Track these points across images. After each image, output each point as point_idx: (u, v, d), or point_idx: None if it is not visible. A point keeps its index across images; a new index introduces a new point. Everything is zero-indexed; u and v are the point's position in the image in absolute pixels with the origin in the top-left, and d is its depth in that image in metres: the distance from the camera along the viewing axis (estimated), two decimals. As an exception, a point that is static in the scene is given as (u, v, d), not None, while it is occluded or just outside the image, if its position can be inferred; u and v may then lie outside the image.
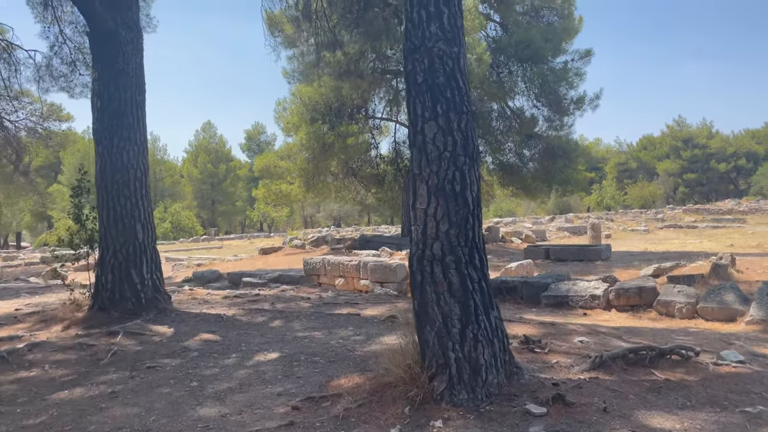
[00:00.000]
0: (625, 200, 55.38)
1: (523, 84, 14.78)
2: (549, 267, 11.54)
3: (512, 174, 17.66)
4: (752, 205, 32.05)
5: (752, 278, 7.66)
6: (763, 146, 60.89)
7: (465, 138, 3.34)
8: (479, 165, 3.45)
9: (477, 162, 3.42)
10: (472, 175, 3.33)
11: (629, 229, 27.11)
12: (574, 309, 7.18)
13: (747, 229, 24.13)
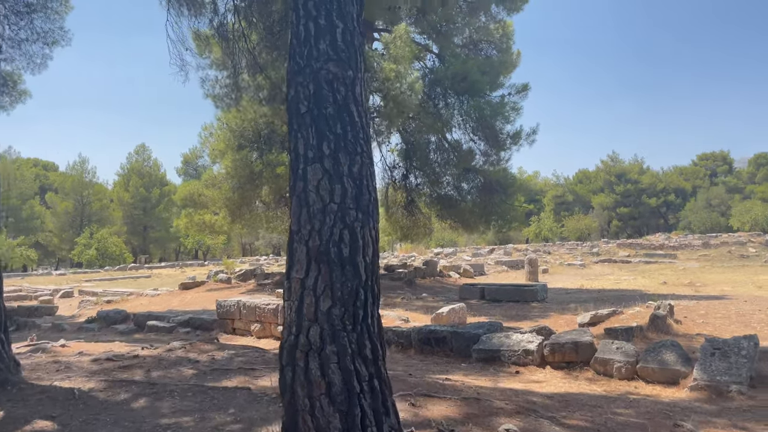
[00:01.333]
0: (562, 232, 56.43)
1: (460, 117, 14.39)
2: (484, 309, 10.95)
3: (450, 207, 17.18)
4: (681, 240, 32.91)
5: (692, 330, 7.23)
6: (690, 183, 63.63)
7: (358, 186, 2.59)
8: (377, 221, 2.69)
9: (374, 218, 2.67)
10: (366, 235, 2.58)
11: (566, 263, 27.17)
12: (507, 365, 6.51)
13: (678, 265, 24.54)
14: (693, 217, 54.75)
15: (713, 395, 5.00)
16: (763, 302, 10.05)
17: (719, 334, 7.09)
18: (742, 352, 5.37)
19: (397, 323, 8.63)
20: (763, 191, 55.16)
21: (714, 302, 10.23)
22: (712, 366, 5.37)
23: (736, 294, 12.72)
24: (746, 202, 51.72)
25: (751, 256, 25.56)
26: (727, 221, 50.47)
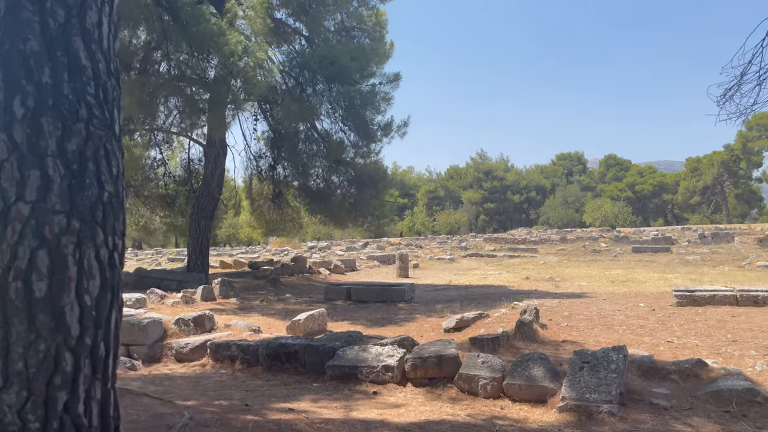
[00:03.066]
0: (434, 226, 57.77)
1: (329, 105, 13.50)
2: (348, 313, 10.16)
3: (320, 201, 16.25)
4: (541, 235, 34.62)
5: (558, 336, 6.90)
6: (550, 181, 67.99)
7: (77, 175, 1.59)
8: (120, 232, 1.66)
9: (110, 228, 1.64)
10: (89, 258, 1.56)
11: (436, 258, 27.37)
12: (364, 384, 5.70)
13: (539, 259, 25.56)
14: (552, 213, 58.43)
15: (583, 417, 4.52)
16: (620, 300, 10.20)
17: (584, 339, 6.82)
18: (612, 366, 4.97)
19: (245, 335, 7.56)
20: (612, 190, 60.21)
21: (576, 301, 10.23)
22: (581, 382, 4.92)
23: (593, 289, 13.05)
24: (597, 199, 56.08)
25: (602, 251, 27.28)
26: (580, 217, 54.40)
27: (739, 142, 50.66)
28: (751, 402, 4.49)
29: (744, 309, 8.37)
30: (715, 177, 53.31)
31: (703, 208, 55.95)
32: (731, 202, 54.53)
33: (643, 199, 62.02)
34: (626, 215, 49.64)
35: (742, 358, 5.66)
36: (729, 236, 27.29)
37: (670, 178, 62.24)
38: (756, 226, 35.34)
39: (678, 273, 17.46)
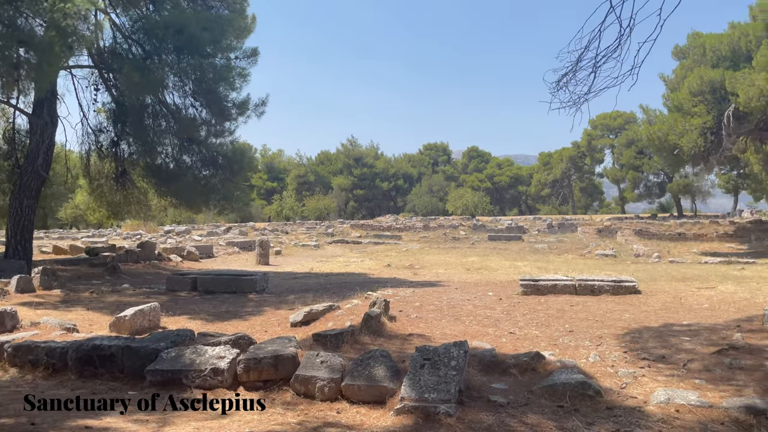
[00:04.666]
0: (303, 211, 56.95)
1: (178, 77, 12.34)
2: (190, 306, 9.30)
3: (170, 182, 14.93)
4: (406, 222, 35.27)
5: (406, 329, 6.68)
6: (416, 169, 69.83)
7: None
8: None
9: None
10: None
11: (301, 244, 26.78)
12: (189, 390, 5.06)
13: (402, 246, 25.92)
14: (417, 201, 60.05)
15: (420, 419, 4.25)
16: (471, 289, 10.33)
17: (431, 332, 6.66)
18: (452, 363, 4.76)
19: (54, 335, 6.52)
20: (473, 180, 63.14)
21: (429, 290, 10.21)
22: (422, 381, 4.66)
23: (449, 277, 13.25)
24: (460, 189, 58.49)
25: (461, 239, 28.31)
26: (444, 206, 56.43)
27: (584, 139, 55.25)
28: (583, 396, 4.49)
29: (582, 298, 8.77)
30: (564, 171, 57.79)
31: (553, 199, 60.50)
32: (577, 195, 59.49)
33: (501, 189, 65.75)
34: (485, 205, 52.26)
35: (577, 349, 5.76)
36: (573, 226, 29.50)
37: (525, 171, 66.54)
38: (596, 217, 38.76)
39: (527, 261, 18.39)
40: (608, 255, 20.48)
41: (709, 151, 22.00)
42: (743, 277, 12.63)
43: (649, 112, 26.30)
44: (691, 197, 47.46)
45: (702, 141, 21.48)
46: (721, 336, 5.90)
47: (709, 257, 19.21)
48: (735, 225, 26.69)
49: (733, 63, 20.95)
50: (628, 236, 25.49)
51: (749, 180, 39.57)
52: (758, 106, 19.32)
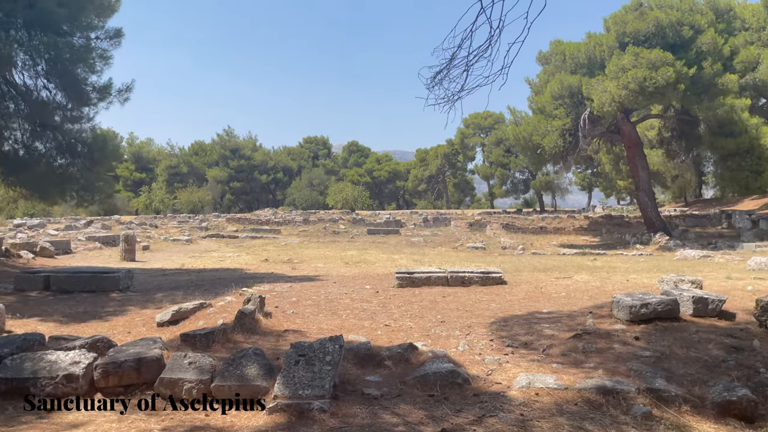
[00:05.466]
0: (175, 204, 54.18)
1: (28, 55, 11.14)
2: (42, 307, 8.46)
3: (20, 171, 13.46)
4: (286, 216, 34.77)
5: (282, 326, 6.54)
6: (297, 162, 69.09)
7: None
8: None
9: None
10: None
11: (171, 239, 25.44)
12: (38, 399, 4.57)
13: (281, 240, 25.51)
14: (297, 194, 59.46)
15: (293, 417, 4.17)
16: (348, 283, 10.37)
17: (308, 327, 6.58)
18: (327, 358, 4.73)
19: None
20: (353, 175, 63.66)
21: (307, 285, 10.10)
22: (296, 377, 4.58)
23: (328, 271, 13.22)
24: (340, 183, 58.74)
25: (341, 232, 28.41)
26: (324, 199, 56.37)
27: (458, 137, 57.76)
28: (453, 384, 4.65)
29: (453, 289, 9.12)
30: (439, 167, 60.01)
31: (429, 194, 62.64)
32: (451, 190, 62.06)
33: (380, 184, 66.92)
34: (365, 199, 52.92)
35: (448, 338, 5.96)
36: (447, 220, 30.71)
37: (403, 167, 68.25)
38: (468, 211, 40.66)
39: (404, 254, 18.85)
40: (478, 247, 21.55)
41: (567, 151, 23.85)
42: (595, 267, 13.84)
43: (515, 113, 27.99)
44: (552, 193, 51.33)
45: (561, 142, 23.24)
46: (577, 322, 6.38)
47: (566, 249, 20.86)
48: (589, 219, 29.22)
49: (589, 70, 22.85)
50: (496, 230, 26.99)
51: (601, 178, 43.54)
52: (610, 111, 21.26)
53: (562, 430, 3.66)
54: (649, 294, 6.42)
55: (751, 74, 23.38)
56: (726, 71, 21.41)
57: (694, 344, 5.35)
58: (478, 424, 3.81)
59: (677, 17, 21.36)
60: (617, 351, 5.29)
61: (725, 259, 15.32)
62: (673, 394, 4.29)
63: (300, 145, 74.29)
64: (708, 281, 8.99)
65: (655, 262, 15.53)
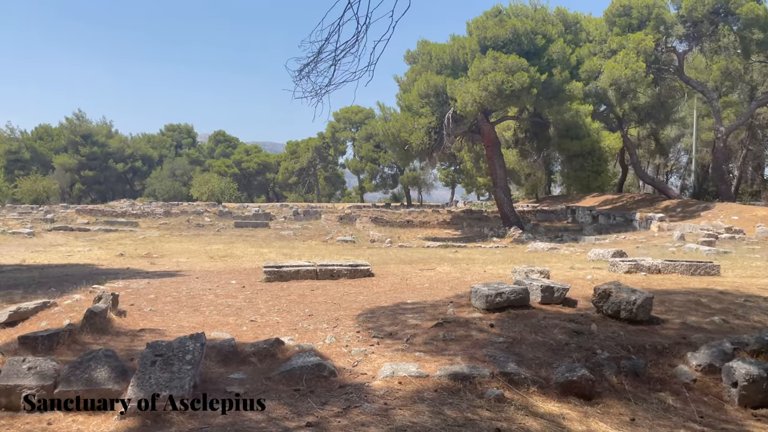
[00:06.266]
0: (15, 194, 48.76)
1: None
2: None
3: None
4: (145, 208, 32.73)
5: (138, 324, 6.14)
6: (158, 151, 65.21)
7: None
8: None
9: None
10: None
11: (11, 232, 22.91)
12: None
13: (139, 234, 23.95)
14: (158, 185, 56.15)
15: (149, 420, 3.93)
16: (213, 278, 9.99)
17: (167, 325, 6.24)
18: (187, 357, 4.51)
19: None
20: (220, 165, 61.37)
21: (167, 281, 9.58)
22: (152, 379, 4.32)
23: (191, 266, 12.63)
24: (205, 174, 56.31)
25: (207, 225, 27.30)
26: (188, 191, 53.76)
27: (329, 131, 57.81)
28: (319, 377, 4.65)
29: (322, 282, 9.12)
30: (310, 160, 59.70)
31: (299, 187, 62.12)
32: (321, 184, 62.03)
33: (249, 176, 65.20)
34: (232, 191, 51.23)
35: (315, 332, 5.95)
36: (318, 214, 30.68)
37: (273, 159, 67.00)
38: (339, 205, 40.94)
39: (273, 247, 18.54)
40: (348, 241, 21.78)
41: (433, 148, 24.84)
42: (457, 258, 14.56)
43: (385, 109, 28.62)
44: (418, 188, 53.19)
45: (427, 139, 24.14)
46: (439, 312, 6.66)
47: (431, 242, 21.74)
48: (452, 214, 30.68)
49: (453, 71, 23.93)
50: (366, 223, 27.46)
51: (463, 175, 45.90)
52: (471, 111, 22.44)
53: (423, 416, 3.80)
54: (504, 284, 6.87)
55: (593, 83, 25.81)
56: (573, 79, 23.48)
57: (542, 329, 5.81)
58: (343, 415, 3.84)
59: (532, 26, 23.02)
60: (474, 338, 5.60)
61: (570, 251, 16.83)
62: (523, 376, 4.63)
63: (162, 133, 70.16)
64: (555, 271, 9.81)
65: (509, 253, 16.67)
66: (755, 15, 24.99)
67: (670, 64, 28.91)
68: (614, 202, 31.77)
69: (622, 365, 5.04)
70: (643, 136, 36.50)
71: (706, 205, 25.67)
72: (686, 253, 14.97)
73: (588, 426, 3.94)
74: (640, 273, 9.47)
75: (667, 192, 32.09)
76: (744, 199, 35.02)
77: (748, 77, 30.21)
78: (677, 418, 4.30)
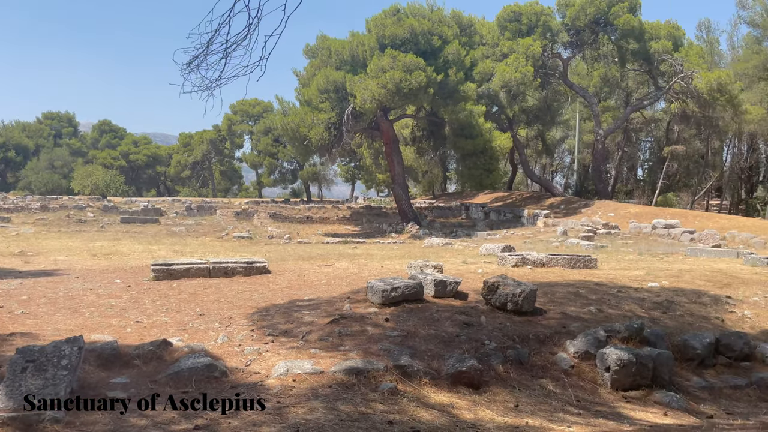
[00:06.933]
0: None
1: None
2: None
3: None
4: (19, 202, 30.09)
5: (6, 329, 5.61)
6: (34, 141, 60.12)
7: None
8: None
9: None
10: None
11: None
12: None
13: (11, 230, 21.97)
14: (34, 177, 51.84)
15: (20, 431, 3.62)
16: (95, 277, 9.37)
17: (41, 329, 5.76)
18: (63, 362, 4.19)
19: None
20: (105, 157, 57.58)
21: (42, 280, 8.86)
22: (23, 386, 3.98)
23: (71, 265, 11.76)
24: (88, 166, 52.66)
25: (89, 221, 25.56)
26: (68, 184, 50.02)
27: (225, 123, 56.01)
28: (210, 378, 4.49)
29: (216, 280, 8.83)
30: (205, 153, 57.55)
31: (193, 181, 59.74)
32: (217, 178, 60.02)
33: (138, 169, 61.78)
34: (118, 184, 48.31)
35: (207, 332, 5.74)
36: (213, 209, 29.66)
37: (165, 151, 63.89)
38: (235, 200, 39.81)
39: (163, 244, 17.69)
40: (245, 237, 21.24)
41: (332, 144, 24.79)
42: (355, 254, 14.64)
43: (284, 103, 28.17)
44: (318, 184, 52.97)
45: (327, 134, 24.06)
46: (336, 308, 6.66)
47: (330, 238, 21.71)
48: (351, 210, 30.82)
49: (353, 68, 24.01)
50: (264, 219, 26.92)
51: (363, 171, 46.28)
52: (371, 108, 22.63)
53: (317, 413, 3.78)
54: (399, 279, 7.00)
55: (486, 84, 26.91)
56: (467, 80, 24.34)
57: (435, 323, 5.97)
58: (234, 416, 3.74)
59: (429, 27, 23.58)
60: (370, 333, 5.65)
61: (463, 246, 17.46)
62: (416, 369, 4.74)
63: (38, 121, 64.68)
64: (448, 266, 10.13)
65: (406, 249, 17.01)
66: (630, 26, 27.18)
67: (555, 69, 30.79)
68: (505, 200, 33.37)
69: (508, 355, 5.30)
70: (531, 137, 38.63)
71: (587, 203, 27.64)
72: (568, 248, 16.02)
73: (476, 414, 4.10)
74: (526, 266, 10.00)
75: (552, 190, 34.16)
76: (620, 197, 38.12)
77: (624, 84, 32.84)
78: (556, 402, 4.59)
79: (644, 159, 42.69)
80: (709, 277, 9.06)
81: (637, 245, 16.75)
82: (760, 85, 29.75)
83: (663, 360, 5.25)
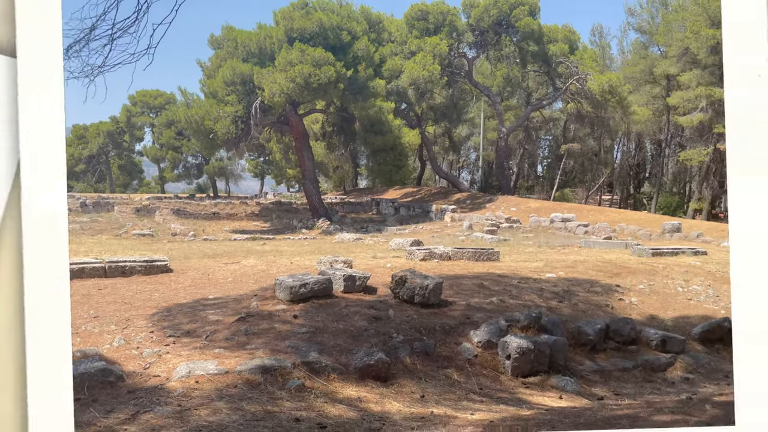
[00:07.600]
0: None
1: None
2: None
3: None
4: None
5: None
6: None
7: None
8: None
9: None
10: None
11: None
12: None
13: None
14: None
15: None
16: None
17: None
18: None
19: None
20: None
21: None
22: None
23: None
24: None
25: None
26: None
27: (124, 115, 53.10)
28: (104, 383, 4.24)
29: (112, 281, 8.35)
30: (101, 147, 54.28)
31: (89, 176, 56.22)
32: (115, 173, 56.83)
33: (26, 162, 57.21)
34: (4, 179, 44.55)
35: (101, 335, 5.42)
36: (110, 205, 28.08)
37: (57, 144, 59.61)
38: (135, 196, 37.89)
39: (55, 243, 16.50)
40: (146, 234, 20.28)
41: (240, 138, 24.19)
42: (264, 251, 14.37)
43: (187, 95, 27.15)
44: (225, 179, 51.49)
45: (234, 128, 23.43)
46: (243, 306, 6.50)
47: (238, 234, 21.17)
48: (260, 206, 30.22)
49: (261, 60, 23.50)
50: (167, 216, 25.82)
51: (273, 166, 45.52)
52: (279, 102, 22.28)
53: (221, 414, 3.67)
54: (308, 274, 6.94)
55: (395, 81, 27.25)
56: (376, 76, 24.53)
57: (344, 317, 5.98)
58: (131, 422, 3.55)
59: (338, 21, 23.53)
60: (278, 330, 5.57)
61: (373, 241, 17.61)
62: (324, 364, 4.72)
63: None
64: (358, 261, 10.18)
65: (317, 245, 16.91)
66: (531, 29, 28.48)
67: (461, 68, 31.72)
68: (414, 195, 34.00)
69: (415, 347, 5.40)
70: (438, 134, 39.60)
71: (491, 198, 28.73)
72: (473, 241, 16.57)
73: (383, 407, 4.15)
74: (433, 260, 10.24)
75: (458, 186, 35.21)
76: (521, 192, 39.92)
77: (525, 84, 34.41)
78: (461, 391, 4.73)
79: (544, 156, 44.99)
80: (601, 268, 9.69)
81: (537, 238, 17.62)
82: (646, 87, 32.15)
83: (559, 346, 5.55)
